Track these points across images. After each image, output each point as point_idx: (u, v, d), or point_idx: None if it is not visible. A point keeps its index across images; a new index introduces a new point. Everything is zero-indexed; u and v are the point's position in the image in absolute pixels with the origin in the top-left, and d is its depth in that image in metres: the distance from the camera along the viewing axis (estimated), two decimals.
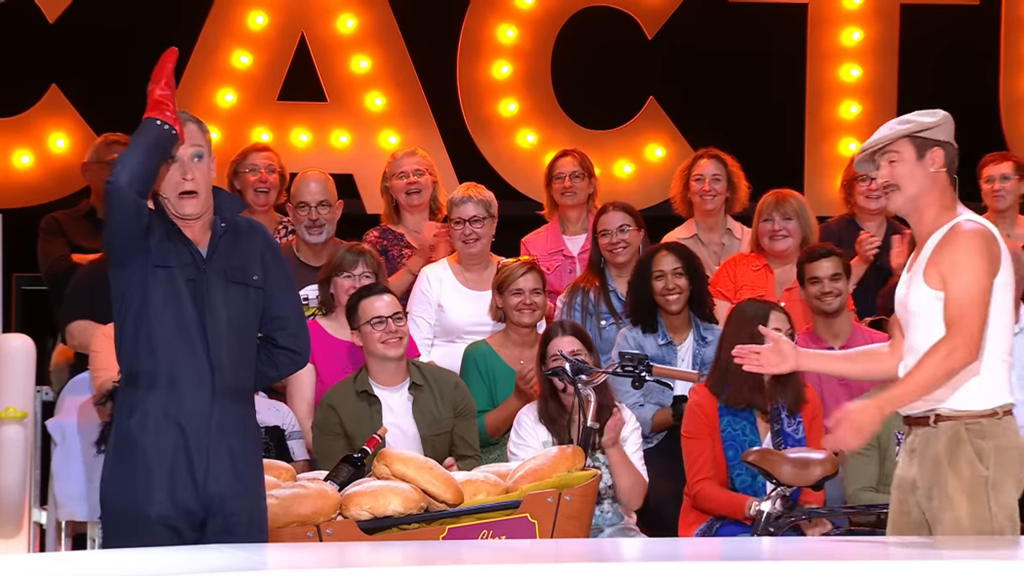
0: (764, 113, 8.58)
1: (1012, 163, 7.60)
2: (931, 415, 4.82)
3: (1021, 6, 8.69)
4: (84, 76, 8.25)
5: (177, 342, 4.84)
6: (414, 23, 8.47)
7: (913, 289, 4.84)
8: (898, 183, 4.85)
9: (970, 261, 4.77)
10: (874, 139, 4.92)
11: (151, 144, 4.80)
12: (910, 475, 4.86)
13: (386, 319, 6.12)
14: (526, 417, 6.22)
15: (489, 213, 6.86)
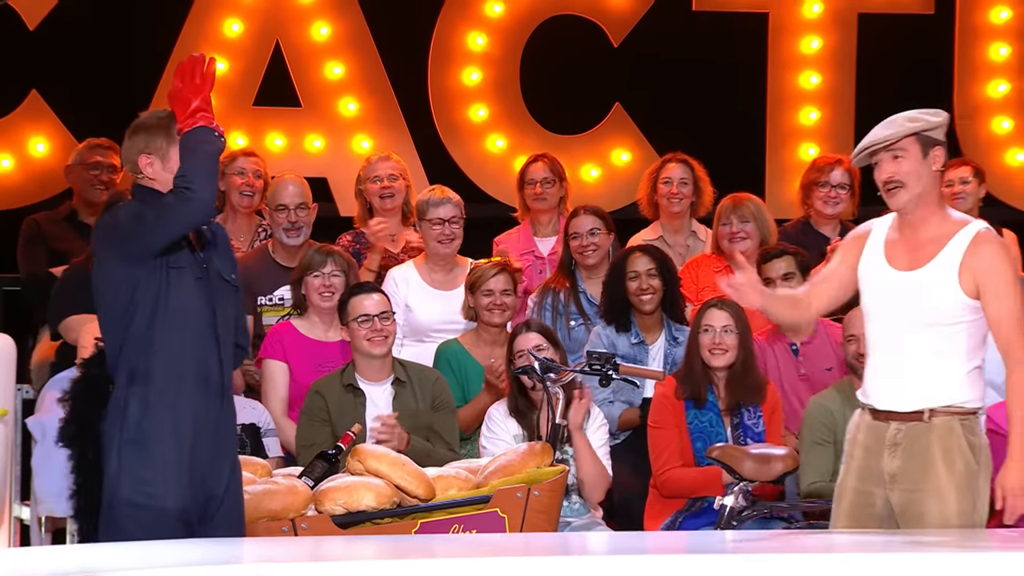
0: (726, 119, 8.59)
1: (971, 168, 7.63)
2: (925, 411, 4.82)
3: (974, 16, 8.72)
4: (63, 82, 8.21)
5: (197, 341, 4.86)
6: (386, 31, 8.46)
7: (933, 291, 4.79)
8: (904, 180, 4.82)
9: (1002, 266, 4.79)
10: (883, 135, 4.87)
11: (215, 156, 4.83)
12: (889, 468, 4.84)
13: (373, 317, 6.13)
14: (496, 412, 6.23)
15: (462, 214, 6.87)
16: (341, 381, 6.17)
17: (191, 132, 4.84)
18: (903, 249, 4.87)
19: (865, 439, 4.91)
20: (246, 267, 6.98)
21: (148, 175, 4.91)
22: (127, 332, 4.83)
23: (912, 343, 4.82)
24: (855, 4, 8.68)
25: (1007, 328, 4.77)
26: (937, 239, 4.83)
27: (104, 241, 4.91)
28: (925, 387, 4.83)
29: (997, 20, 8.71)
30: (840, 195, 7.42)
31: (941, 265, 4.80)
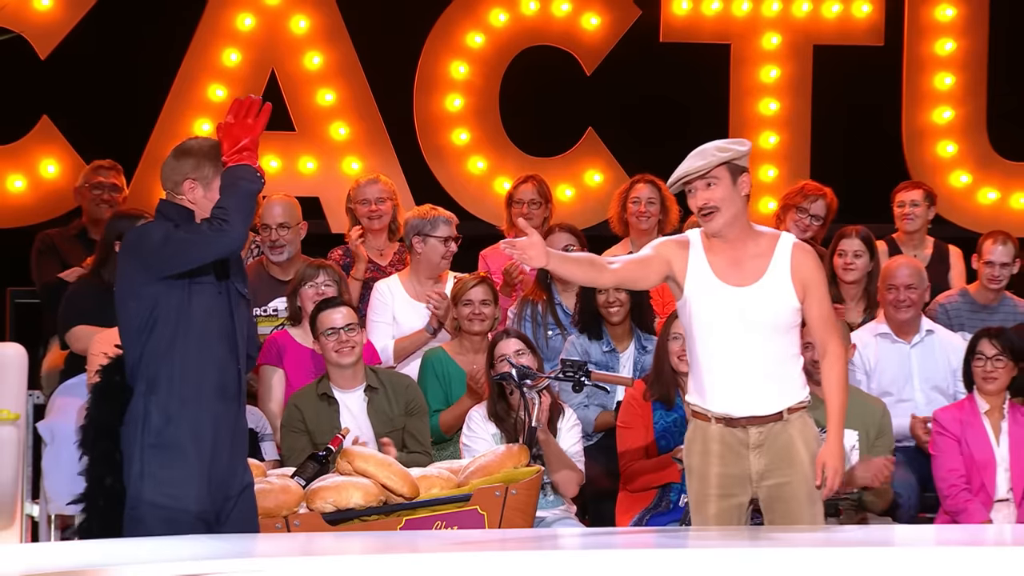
0: (691, 142, 8.58)
1: (922, 191, 7.67)
2: (783, 411, 4.96)
3: (921, 48, 8.75)
4: (73, 108, 8.20)
5: (217, 351, 4.86)
6: (374, 60, 8.46)
7: (773, 300, 4.88)
8: (719, 205, 4.87)
9: (820, 271, 4.98)
10: (697, 166, 4.89)
11: (254, 195, 4.84)
12: (757, 468, 4.96)
13: (339, 330, 6.13)
14: (476, 414, 6.24)
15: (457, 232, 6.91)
16: (316, 391, 6.16)
17: (235, 168, 4.84)
18: (728, 266, 4.92)
19: (720, 448, 4.97)
20: None
21: (189, 199, 4.90)
22: (148, 342, 4.82)
23: (759, 352, 4.91)
24: (811, 36, 8.71)
25: (827, 326, 4.96)
26: (760, 254, 4.92)
27: (130, 255, 4.88)
28: (779, 390, 4.95)
29: (942, 52, 8.75)
30: (813, 226, 7.45)
31: (774, 277, 4.90)
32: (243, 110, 4.92)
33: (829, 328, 4.96)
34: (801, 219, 7.40)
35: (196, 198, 4.91)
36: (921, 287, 6.90)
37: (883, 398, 6.70)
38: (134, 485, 4.80)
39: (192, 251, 4.79)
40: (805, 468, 4.95)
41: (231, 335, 4.87)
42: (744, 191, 4.90)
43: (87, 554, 4.20)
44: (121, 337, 4.91)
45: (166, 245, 4.80)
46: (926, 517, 6.63)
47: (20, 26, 7.97)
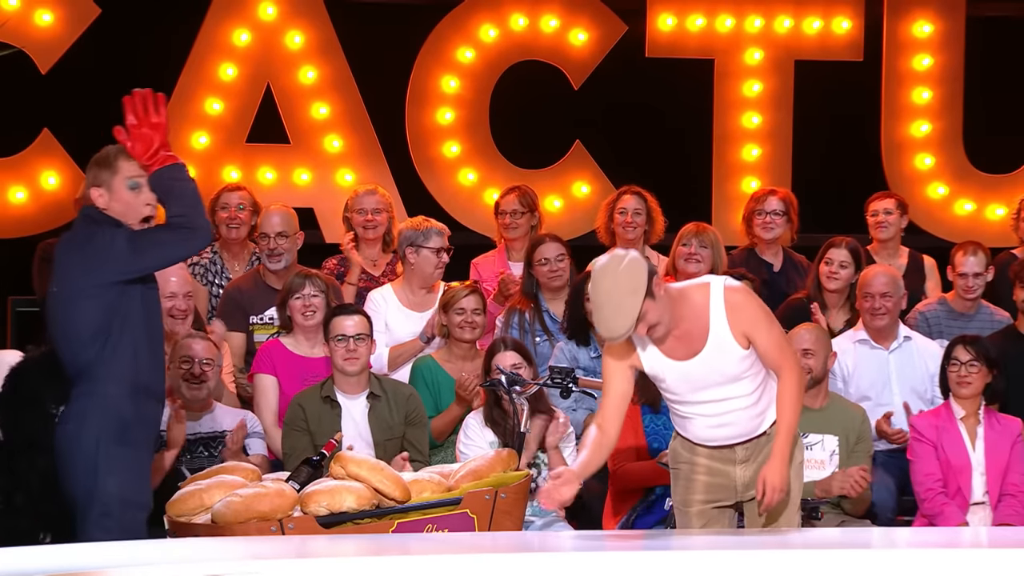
0: (676, 154, 8.63)
1: (894, 200, 7.70)
2: (768, 430, 5.03)
3: (899, 63, 8.77)
4: (73, 121, 8.20)
5: (160, 352, 4.97)
6: (368, 74, 8.47)
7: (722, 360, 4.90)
8: (658, 321, 4.82)
9: (757, 310, 4.94)
10: (626, 327, 4.73)
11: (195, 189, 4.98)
12: (743, 479, 5.04)
13: (348, 338, 6.13)
14: (473, 420, 6.25)
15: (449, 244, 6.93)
16: (320, 393, 6.17)
17: (164, 171, 4.90)
18: (673, 343, 4.92)
19: (708, 463, 5.06)
20: (239, 289, 7.00)
21: (100, 205, 4.99)
22: (104, 346, 4.84)
23: (725, 401, 4.98)
24: (792, 52, 8.73)
25: (775, 354, 4.96)
26: (696, 319, 4.90)
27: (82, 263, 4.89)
28: (758, 417, 5.03)
29: (920, 67, 8.78)
30: (776, 221, 7.49)
31: (715, 340, 4.90)
32: (140, 107, 4.94)
33: (781, 354, 4.96)
34: (763, 220, 7.47)
35: (106, 203, 4.98)
36: (897, 295, 6.92)
37: (862, 403, 6.72)
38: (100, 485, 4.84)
39: (163, 257, 4.89)
40: (792, 490, 5.01)
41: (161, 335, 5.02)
42: (663, 293, 4.82)
43: (86, 556, 4.21)
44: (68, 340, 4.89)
45: (136, 247, 4.84)
46: (904, 520, 6.65)
47: (21, 41, 7.97)
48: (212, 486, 5.25)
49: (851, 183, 8.50)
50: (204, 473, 5.50)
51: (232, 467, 5.52)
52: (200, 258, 7.29)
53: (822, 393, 6.46)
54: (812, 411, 6.40)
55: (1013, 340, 6.94)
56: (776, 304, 7.16)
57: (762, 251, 7.52)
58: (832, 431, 6.39)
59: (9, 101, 7.94)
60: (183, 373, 6.14)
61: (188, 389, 6.15)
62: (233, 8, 8.35)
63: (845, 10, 8.71)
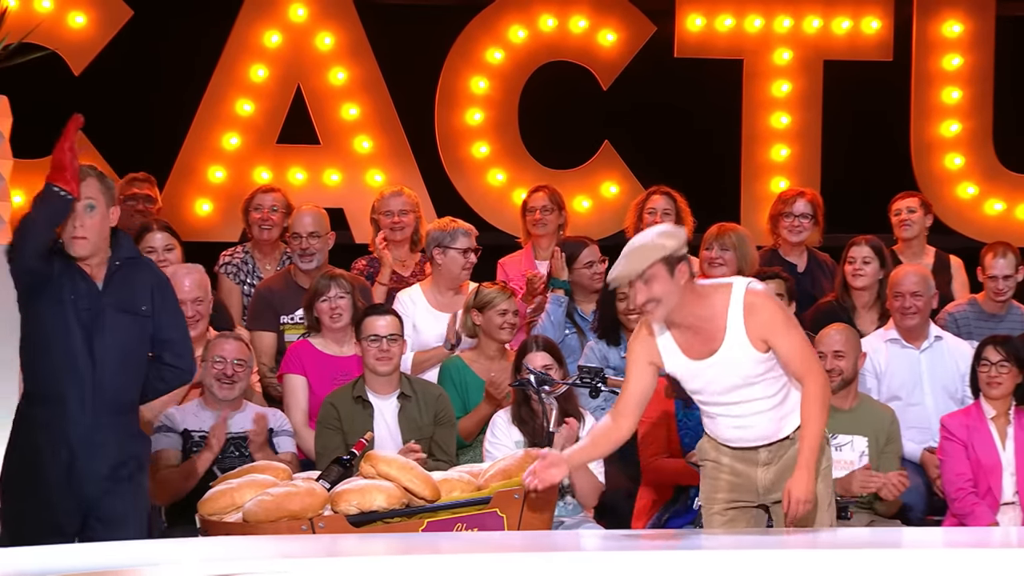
0: (705, 154, 8.60)
1: (918, 199, 7.66)
2: (791, 435, 4.99)
3: (929, 63, 8.73)
4: (106, 122, 8.21)
5: (64, 365, 5.07)
6: (397, 75, 8.47)
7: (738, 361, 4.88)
8: (660, 298, 4.84)
9: (775, 314, 4.90)
10: (634, 269, 4.82)
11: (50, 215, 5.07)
12: (764, 482, 5.01)
13: (381, 338, 6.13)
14: (501, 419, 6.24)
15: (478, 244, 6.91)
16: (352, 393, 6.17)
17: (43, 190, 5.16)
18: (692, 340, 4.92)
19: (731, 463, 5.05)
20: (270, 289, 7.01)
21: None
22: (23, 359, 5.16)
23: (747, 403, 4.96)
24: (821, 52, 8.69)
25: (799, 362, 4.92)
26: (714, 318, 4.89)
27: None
28: (780, 421, 4.99)
29: (949, 67, 8.73)
30: (803, 224, 7.46)
31: (731, 341, 4.89)
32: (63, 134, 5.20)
33: (804, 364, 4.91)
34: (790, 223, 7.43)
35: None
36: (927, 294, 6.89)
37: (892, 402, 6.69)
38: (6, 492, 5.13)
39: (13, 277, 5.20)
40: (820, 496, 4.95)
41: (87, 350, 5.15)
42: (683, 280, 4.84)
43: (118, 554, 4.21)
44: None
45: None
46: (934, 520, 6.61)
47: (55, 43, 7.99)
48: (243, 485, 5.25)
49: (880, 183, 8.46)
50: (235, 472, 5.51)
51: (263, 466, 5.53)
52: (232, 258, 7.30)
53: (852, 394, 6.43)
54: (842, 412, 6.38)
55: None
56: (802, 305, 7.14)
57: (786, 252, 7.49)
58: (862, 432, 6.36)
59: (43, 102, 7.97)
60: (216, 372, 6.15)
61: (220, 388, 6.16)
62: (264, 9, 8.36)
63: (874, 10, 8.67)
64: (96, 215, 5.13)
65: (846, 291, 7.10)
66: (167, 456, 6.05)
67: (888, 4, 8.67)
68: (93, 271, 5.14)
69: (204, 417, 6.14)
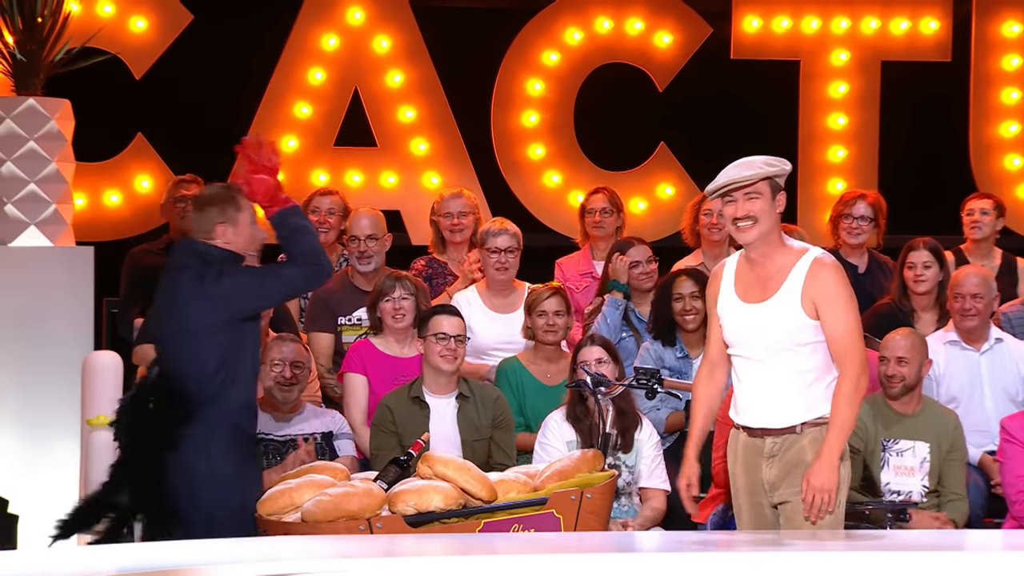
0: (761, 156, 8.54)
1: (992, 201, 7.58)
2: (797, 425, 4.87)
3: (988, 64, 8.65)
4: (166, 126, 8.29)
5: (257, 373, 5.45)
6: (453, 78, 8.49)
7: (786, 316, 4.82)
8: (758, 217, 4.83)
9: (836, 288, 4.83)
10: (744, 176, 4.86)
11: (315, 231, 5.46)
12: (768, 477, 4.90)
13: (449, 337, 6.12)
14: (554, 419, 6.22)
15: (519, 245, 6.87)
16: (409, 394, 6.16)
17: (288, 212, 5.30)
18: (753, 283, 4.89)
19: (743, 457, 4.96)
20: (328, 290, 7.02)
21: (222, 241, 5.31)
22: (227, 376, 5.21)
23: (775, 367, 4.86)
24: (879, 52, 8.63)
25: (843, 343, 4.82)
26: (781, 270, 4.86)
27: (208, 303, 5.21)
28: (794, 405, 4.88)
29: (1009, 67, 8.65)
30: (862, 226, 7.40)
31: (786, 294, 4.83)
32: (255, 151, 5.27)
33: (848, 345, 4.82)
34: (849, 225, 7.37)
35: (229, 238, 5.30)
36: (988, 296, 6.81)
37: (951, 405, 6.63)
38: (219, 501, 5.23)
39: (293, 286, 5.36)
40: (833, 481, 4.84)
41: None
42: (780, 208, 4.88)
43: (177, 554, 4.23)
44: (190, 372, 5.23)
45: (261, 284, 5.26)
46: (994, 523, 6.54)
47: (116, 47, 8.07)
48: (302, 485, 5.27)
49: (939, 184, 8.39)
50: (294, 472, 5.53)
51: (321, 466, 5.55)
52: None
53: (915, 398, 6.37)
54: (905, 417, 6.32)
55: None
56: (861, 307, 7.07)
57: (847, 254, 7.43)
58: (924, 438, 6.30)
59: (105, 106, 8.04)
60: (275, 375, 6.17)
61: (280, 391, 6.18)
62: (322, 13, 8.40)
63: (933, 10, 8.60)
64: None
65: (904, 293, 7.04)
66: None
67: (947, 4, 8.60)
68: None
69: (262, 420, 6.15)
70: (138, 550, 4.61)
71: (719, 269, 5.03)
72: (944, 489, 6.31)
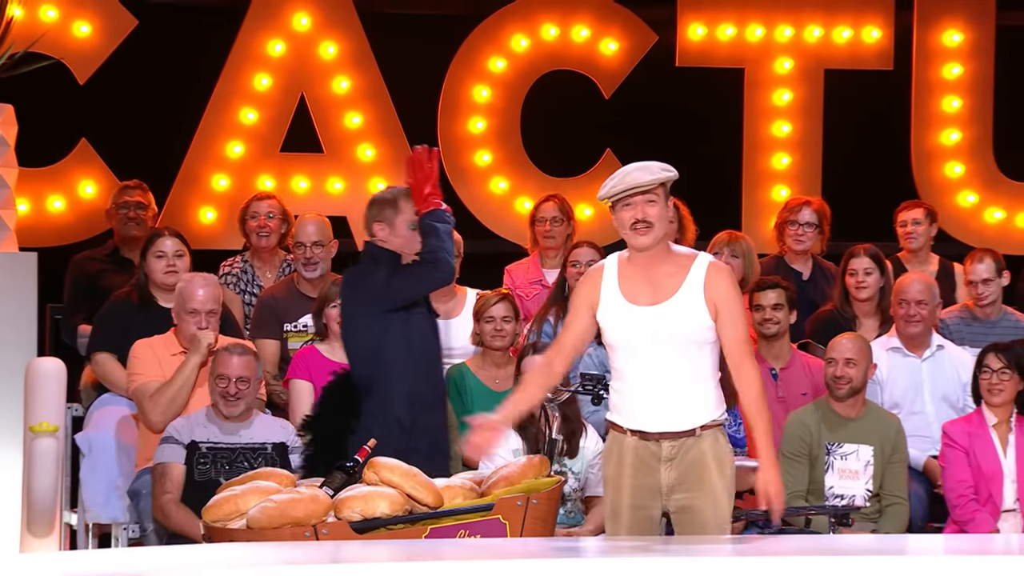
0: (707, 163, 8.60)
1: (923, 209, 7.66)
2: (696, 428, 4.91)
3: (929, 72, 8.74)
4: (110, 131, 8.23)
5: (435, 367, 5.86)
6: (400, 84, 8.48)
7: (685, 316, 4.87)
8: (654, 222, 4.90)
9: (733, 290, 4.93)
10: (644, 180, 4.91)
11: (450, 232, 5.74)
12: (667, 481, 4.91)
13: None
14: None
15: (458, 253, 6.85)
16: None
17: (429, 213, 5.63)
18: (643, 285, 4.91)
19: (634, 460, 4.95)
20: (273, 297, 7.01)
21: (380, 238, 5.76)
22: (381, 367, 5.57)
23: (671, 369, 4.89)
24: (822, 61, 8.70)
25: (741, 348, 4.89)
26: (674, 273, 4.91)
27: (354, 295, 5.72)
28: (691, 407, 4.91)
29: (950, 76, 8.73)
30: (808, 233, 7.45)
31: (687, 295, 4.88)
32: (417, 162, 5.74)
33: (744, 350, 4.89)
34: (795, 232, 7.43)
35: (385, 236, 5.76)
36: (932, 303, 6.89)
37: (894, 410, 6.69)
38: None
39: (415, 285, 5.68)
40: (715, 487, 4.89)
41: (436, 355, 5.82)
42: (670, 213, 5.01)
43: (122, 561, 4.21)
44: (351, 363, 5.73)
45: (389, 283, 5.65)
46: (935, 527, 6.60)
47: (60, 52, 8.00)
48: (247, 492, 5.25)
49: (881, 192, 8.46)
50: (239, 479, 5.50)
51: (267, 473, 5.53)
52: (231, 268, 7.30)
53: (859, 402, 6.43)
54: (849, 420, 6.38)
55: None
56: (805, 313, 7.14)
57: (792, 260, 7.49)
58: (867, 441, 6.36)
59: (48, 111, 7.98)
60: (220, 390, 6.14)
61: (225, 406, 6.16)
62: (268, 19, 8.37)
63: (875, 19, 8.68)
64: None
65: (846, 300, 7.10)
66: (174, 474, 6.03)
67: (889, 13, 8.68)
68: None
69: (212, 428, 6.14)
70: (82, 558, 4.58)
71: (597, 271, 5.01)
72: (885, 493, 6.37)
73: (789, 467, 6.32)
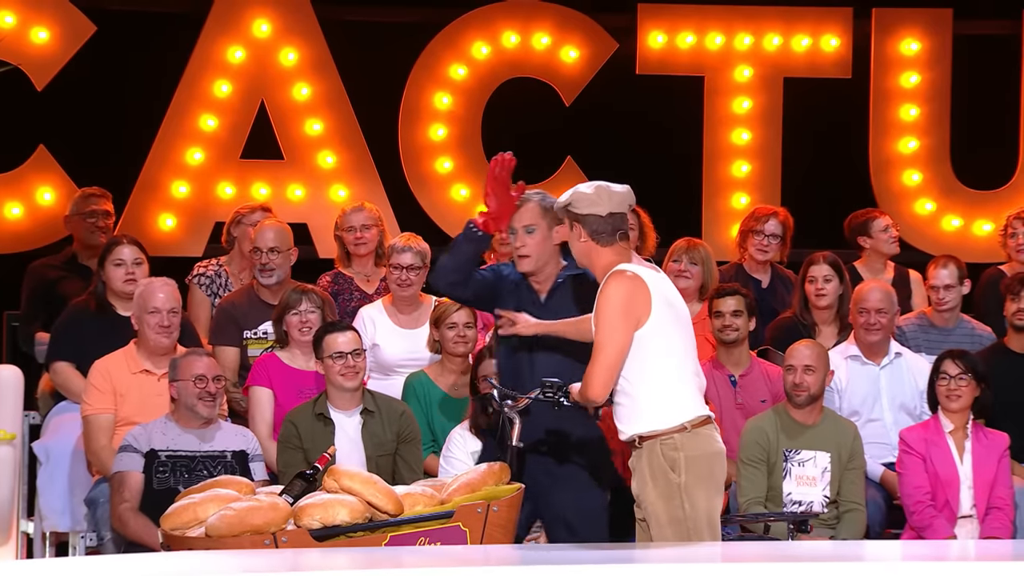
0: (668, 170, 8.64)
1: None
2: (635, 439, 5.00)
3: (887, 81, 8.79)
4: (68, 137, 8.20)
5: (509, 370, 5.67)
6: (361, 91, 8.48)
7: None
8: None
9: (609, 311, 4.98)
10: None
11: (458, 242, 5.61)
12: (634, 490, 5.03)
13: (346, 355, 6.12)
14: (457, 434, 6.22)
15: (424, 263, 6.86)
16: (313, 411, 6.15)
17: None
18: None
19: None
20: (233, 304, 6.99)
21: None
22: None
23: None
24: (781, 69, 8.75)
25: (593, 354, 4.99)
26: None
27: None
28: (624, 416, 5.02)
29: (907, 84, 8.80)
30: (772, 244, 7.49)
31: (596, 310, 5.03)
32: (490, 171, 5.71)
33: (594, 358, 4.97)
34: (759, 241, 7.46)
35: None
36: (891, 311, 6.93)
37: (852, 418, 6.72)
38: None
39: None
40: (651, 498, 4.97)
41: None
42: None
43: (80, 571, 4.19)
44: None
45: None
46: (893, 533, 6.65)
47: (18, 58, 7.95)
48: (206, 500, 5.23)
49: (839, 199, 8.51)
50: (198, 487, 5.48)
51: (226, 480, 5.51)
52: (206, 269, 7.29)
53: (817, 410, 6.47)
54: (806, 427, 6.41)
55: (1001, 355, 6.94)
56: (765, 322, 7.17)
57: (752, 268, 7.52)
58: (825, 448, 6.40)
59: (5, 117, 7.94)
60: (199, 392, 6.10)
61: (204, 407, 6.12)
62: (228, 25, 8.35)
63: (833, 28, 8.73)
64: (537, 235, 5.55)
65: (805, 307, 7.13)
66: (132, 482, 6.00)
67: (847, 22, 8.74)
68: (540, 285, 5.56)
69: (172, 436, 6.10)
70: (39, 567, 4.55)
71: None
72: (842, 499, 6.41)
73: (747, 473, 6.35)
